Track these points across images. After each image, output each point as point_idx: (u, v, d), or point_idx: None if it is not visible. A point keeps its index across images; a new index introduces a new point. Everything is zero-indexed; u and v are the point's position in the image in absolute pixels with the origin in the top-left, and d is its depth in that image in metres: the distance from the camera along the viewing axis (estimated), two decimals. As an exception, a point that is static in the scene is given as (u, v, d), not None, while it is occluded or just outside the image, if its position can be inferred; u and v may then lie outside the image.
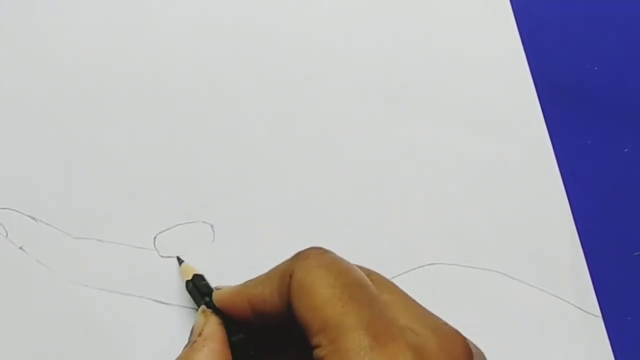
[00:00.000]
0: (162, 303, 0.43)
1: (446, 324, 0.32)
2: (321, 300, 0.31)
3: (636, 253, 0.45)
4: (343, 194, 0.45)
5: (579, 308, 0.44)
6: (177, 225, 0.44)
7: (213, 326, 0.36)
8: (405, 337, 0.30)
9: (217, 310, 0.37)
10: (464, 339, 0.31)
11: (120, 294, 0.43)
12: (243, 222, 0.44)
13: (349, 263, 0.33)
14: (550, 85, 0.46)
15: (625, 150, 0.47)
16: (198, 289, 0.40)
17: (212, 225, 0.44)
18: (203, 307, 0.38)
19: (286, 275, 0.33)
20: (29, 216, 0.44)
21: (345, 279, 0.32)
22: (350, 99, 0.47)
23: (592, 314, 0.44)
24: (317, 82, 0.47)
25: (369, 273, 0.34)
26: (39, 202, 0.44)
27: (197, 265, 0.43)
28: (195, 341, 0.35)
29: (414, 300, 0.33)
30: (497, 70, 0.47)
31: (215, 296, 0.37)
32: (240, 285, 0.36)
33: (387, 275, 0.44)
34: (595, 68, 0.47)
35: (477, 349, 0.32)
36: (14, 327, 0.43)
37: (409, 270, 0.44)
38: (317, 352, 0.30)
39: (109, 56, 0.47)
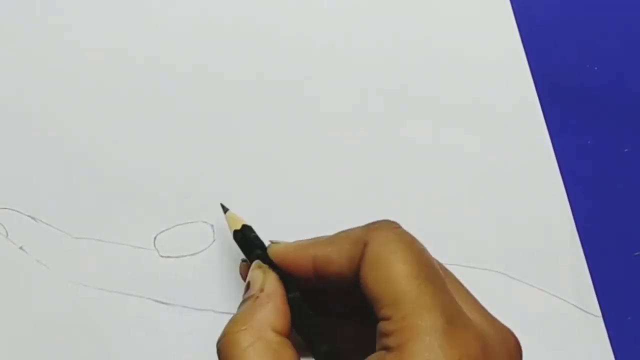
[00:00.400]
0: (162, 303, 0.43)
1: (497, 319, 0.33)
2: (397, 274, 0.31)
3: (636, 253, 0.45)
4: (343, 194, 0.45)
5: (579, 308, 0.44)
6: (177, 225, 0.44)
7: (274, 282, 0.35)
8: (474, 325, 0.31)
9: (272, 265, 0.36)
10: (514, 335, 0.32)
11: (120, 294, 0.43)
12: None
13: (421, 243, 0.33)
14: (550, 85, 0.47)
15: (625, 150, 0.47)
16: (250, 241, 0.39)
17: (212, 225, 0.44)
18: (259, 261, 0.37)
19: (359, 243, 0.33)
20: (29, 216, 0.44)
21: (421, 258, 0.32)
22: (350, 99, 0.47)
23: (592, 314, 0.44)
24: (317, 82, 0.47)
25: (432, 257, 0.34)
26: (39, 202, 0.44)
27: (196, 265, 0.43)
28: (257, 297, 0.34)
29: (469, 291, 0.34)
30: (497, 70, 0.47)
31: (273, 249, 0.37)
32: (302, 242, 0.36)
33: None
34: (595, 68, 0.47)
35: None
36: (14, 327, 0.43)
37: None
38: (385, 325, 0.30)
39: (109, 56, 0.47)
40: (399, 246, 0.32)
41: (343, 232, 0.35)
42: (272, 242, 0.38)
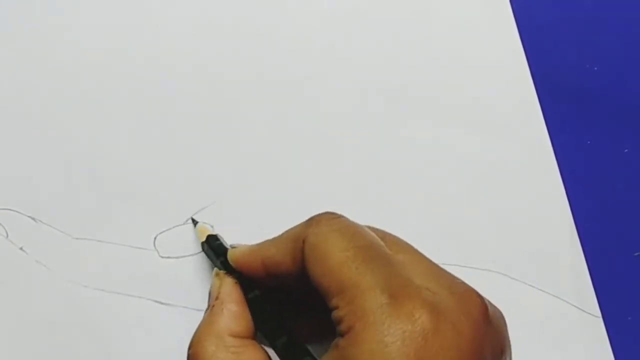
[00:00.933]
0: (162, 304, 0.43)
1: (463, 283, 0.33)
2: (335, 263, 0.31)
3: (636, 253, 0.45)
4: (343, 194, 0.45)
5: (579, 308, 0.44)
6: (177, 225, 0.44)
7: (228, 287, 0.36)
8: (421, 294, 0.30)
9: (232, 270, 0.37)
10: (480, 296, 0.32)
11: (120, 294, 0.43)
12: (243, 223, 0.44)
13: (361, 226, 0.34)
14: (550, 85, 0.46)
15: (625, 150, 0.47)
16: (213, 250, 0.40)
17: (212, 226, 0.44)
18: (216, 269, 0.38)
19: (299, 240, 0.33)
20: (29, 217, 0.44)
21: (358, 241, 0.32)
22: (350, 99, 0.47)
23: (592, 314, 0.44)
24: (317, 82, 0.47)
25: (384, 235, 0.35)
26: (39, 202, 0.44)
27: (196, 265, 0.43)
28: (213, 305, 0.36)
29: (429, 260, 0.34)
30: (497, 70, 0.47)
31: (229, 255, 0.38)
32: (255, 245, 0.37)
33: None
34: (595, 68, 0.47)
35: (495, 307, 0.32)
36: (14, 327, 0.43)
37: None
38: (335, 314, 0.31)
39: (109, 56, 0.47)
40: (333, 235, 0.32)
41: (288, 230, 0.35)
42: (231, 246, 0.39)
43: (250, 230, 0.44)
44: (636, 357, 0.43)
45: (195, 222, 0.44)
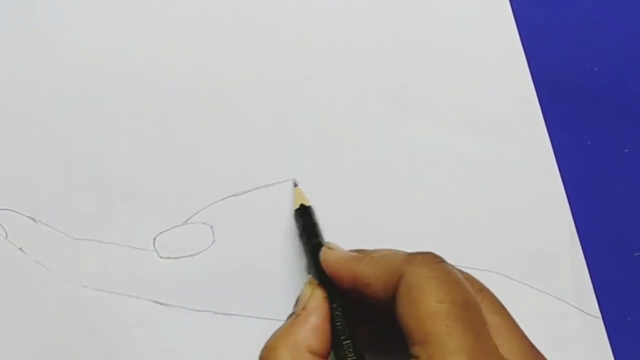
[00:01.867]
0: (162, 304, 0.43)
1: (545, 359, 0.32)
2: (427, 313, 0.31)
3: (636, 253, 0.45)
4: (343, 194, 0.45)
5: (578, 309, 0.44)
6: (176, 226, 0.44)
7: (318, 300, 0.36)
8: None
9: (321, 273, 0.38)
10: None
11: (119, 295, 0.43)
12: (243, 223, 0.44)
13: (460, 277, 0.33)
14: (550, 86, 0.46)
15: (625, 150, 0.47)
16: (304, 228, 0.41)
17: (211, 227, 0.44)
18: (310, 278, 0.38)
19: (396, 273, 0.33)
20: (28, 217, 0.44)
21: (455, 295, 0.32)
22: (350, 99, 0.47)
23: (592, 315, 0.44)
24: (317, 82, 0.47)
25: (481, 289, 0.34)
26: (38, 203, 0.44)
27: (196, 266, 0.43)
28: (299, 314, 0.36)
29: (518, 327, 0.34)
30: (497, 71, 0.47)
31: (323, 255, 0.38)
32: (351, 255, 0.37)
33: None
34: (595, 68, 0.47)
35: None
36: (14, 327, 0.43)
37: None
38: None
39: (109, 56, 0.47)
40: (431, 282, 0.32)
41: (383, 255, 0.35)
42: (327, 245, 0.39)
43: (249, 232, 0.44)
44: (636, 357, 0.43)
45: (295, 184, 0.44)
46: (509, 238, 0.45)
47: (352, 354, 0.35)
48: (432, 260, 0.33)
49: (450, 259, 0.44)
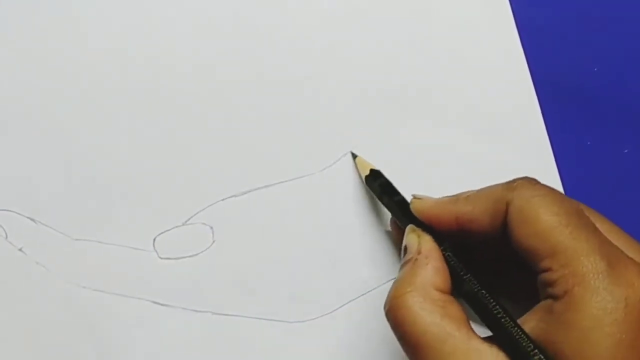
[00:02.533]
0: (162, 305, 0.43)
1: None
2: (547, 226, 0.33)
3: (636, 253, 0.45)
4: (343, 194, 0.45)
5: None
6: (176, 226, 0.44)
7: (429, 244, 0.37)
8: (636, 264, 0.32)
9: (416, 221, 0.38)
10: None
11: (119, 295, 0.43)
12: (243, 223, 0.44)
13: (563, 194, 0.35)
14: (550, 86, 0.46)
15: (625, 150, 0.47)
16: (388, 193, 0.42)
17: (211, 227, 0.44)
18: (412, 225, 0.39)
19: (501, 202, 0.35)
20: (28, 218, 0.44)
21: (567, 207, 0.33)
22: (350, 99, 0.47)
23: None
24: (317, 82, 0.47)
25: (577, 203, 0.35)
26: (38, 203, 0.44)
27: (196, 266, 0.43)
28: (416, 259, 0.36)
29: (622, 230, 0.36)
30: (497, 71, 0.47)
31: (414, 205, 0.39)
32: (444, 198, 0.38)
33: (386, 277, 0.44)
34: (595, 69, 0.47)
35: None
36: (14, 328, 0.43)
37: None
38: (546, 276, 0.32)
39: (109, 56, 0.47)
40: (543, 200, 0.33)
41: (480, 191, 0.37)
42: (414, 196, 0.40)
43: (249, 232, 0.44)
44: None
45: (354, 156, 0.45)
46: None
47: (477, 285, 0.35)
48: (533, 181, 0.35)
49: (450, 259, 0.44)
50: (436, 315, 0.33)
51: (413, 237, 0.38)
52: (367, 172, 0.43)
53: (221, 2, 0.48)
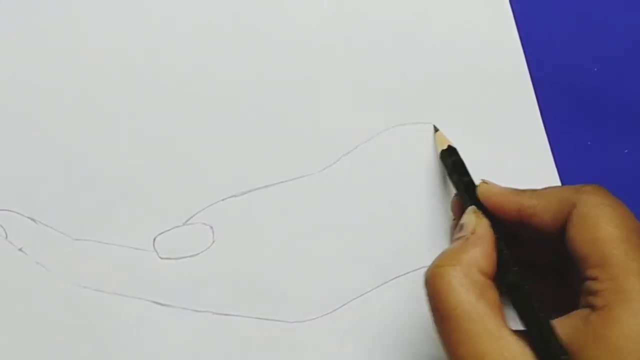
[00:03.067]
0: (162, 305, 0.43)
1: None
2: (606, 236, 0.33)
3: (636, 253, 0.45)
4: (343, 194, 0.45)
5: (578, 309, 0.44)
6: (176, 226, 0.44)
7: (485, 228, 0.37)
8: None
9: (479, 205, 0.39)
10: None
11: (119, 295, 0.43)
12: (243, 224, 0.44)
13: (630, 211, 0.34)
14: (549, 86, 0.46)
15: (625, 150, 0.47)
16: (458, 172, 0.42)
17: (211, 227, 0.44)
18: (474, 207, 0.39)
19: (567, 203, 0.35)
20: (28, 217, 0.44)
21: (630, 223, 0.33)
22: (350, 99, 0.47)
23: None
24: (317, 82, 0.47)
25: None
26: (38, 203, 0.44)
27: (196, 266, 0.43)
28: (468, 238, 0.36)
29: None
30: (497, 71, 0.47)
31: (481, 188, 0.39)
32: (511, 189, 0.38)
33: (386, 277, 0.44)
34: (595, 69, 0.47)
35: None
36: (14, 328, 0.43)
37: (409, 272, 0.44)
38: (592, 284, 0.32)
39: (109, 56, 0.47)
40: (609, 210, 0.34)
41: (548, 189, 0.37)
42: (483, 180, 0.40)
43: (249, 233, 0.44)
44: (636, 357, 0.43)
45: (436, 129, 0.45)
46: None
47: (523, 280, 0.35)
48: (603, 190, 0.35)
49: (450, 259, 0.44)
50: (472, 294, 0.33)
51: (472, 217, 0.38)
52: (445, 147, 0.44)
53: (221, 2, 0.48)
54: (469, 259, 0.35)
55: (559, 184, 0.45)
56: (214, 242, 0.44)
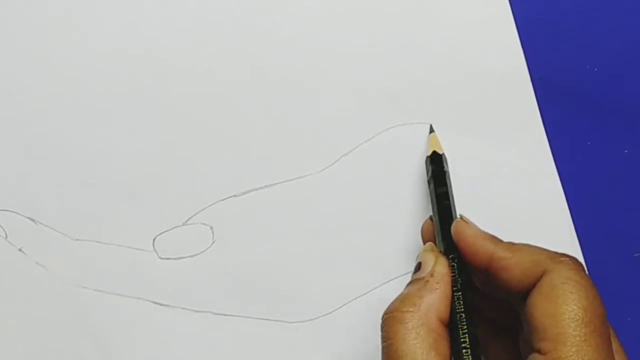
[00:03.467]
0: (162, 305, 0.43)
1: None
2: (569, 315, 0.32)
3: (636, 254, 0.45)
4: (343, 194, 0.45)
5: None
6: (176, 227, 0.44)
7: (444, 268, 0.37)
8: None
9: (448, 242, 0.38)
10: None
11: (119, 295, 0.43)
12: (243, 224, 0.44)
13: (598, 292, 0.34)
14: (549, 86, 0.46)
15: (625, 150, 0.47)
16: (435, 181, 0.41)
17: (211, 227, 0.44)
18: (431, 244, 0.39)
19: (540, 266, 0.34)
20: (28, 218, 0.44)
21: (596, 309, 0.32)
22: (349, 99, 0.47)
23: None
24: (316, 81, 0.47)
25: (604, 309, 0.35)
26: (38, 203, 0.44)
27: (196, 266, 0.43)
28: (427, 281, 0.36)
29: (626, 356, 0.36)
30: (497, 71, 0.47)
31: (457, 227, 0.38)
32: (488, 235, 0.37)
33: (386, 277, 0.44)
34: (595, 69, 0.47)
35: None
36: (14, 328, 0.43)
37: (409, 272, 0.44)
38: (539, 357, 0.32)
39: (109, 56, 0.47)
40: (577, 288, 0.33)
41: (525, 245, 0.36)
42: (461, 216, 0.39)
43: (249, 233, 0.44)
44: (636, 358, 0.43)
45: (431, 130, 0.45)
46: (508, 239, 0.44)
47: (472, 327, 0.35)
48: (578, 266, 0.34)
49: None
50: (425, 345, 0.33)
51: (430, 257, 0.37)
52: (430, 153, 0.43)
53: (221, 1, 0.48)
54: (428, 305, 0.35)
55: (559, 184, 0.45)
56: (214, 242, 0.44)
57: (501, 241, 0.37)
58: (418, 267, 0.37)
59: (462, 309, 0.36)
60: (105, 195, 0.44)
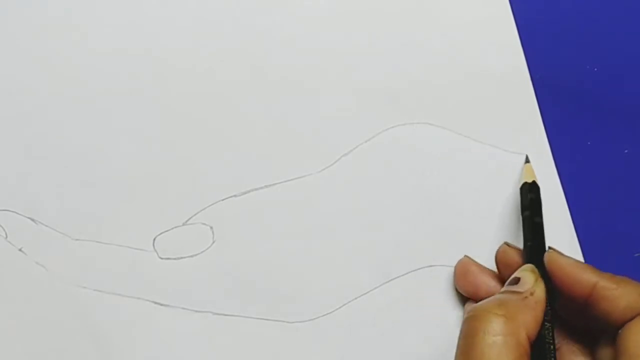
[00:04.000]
0: (162, 305, 0.43)
1: None
2: None
3: (636, 254, 0.45)
4: (343, 194, 0.45)
5: (578, 309, 0.44)
6: (176, 226, 0.44)
7: (542, 293, 0.36)
8: None
9: (541, 269, 0.38)
10: None
11: (119, 295, 0.43)
12: (243, 224, 0.44)
13: None
14: (549, 86, 0.46)
15: (625, 151, 0.47)
16: (532, 210, 0.41)
17: (211, 227, 0.44)
18: (533, 266, 0.38)
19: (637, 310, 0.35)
20: (28, 218, 0.44)
21: None
22: (349, 99, 0.47)
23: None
24: (316, 81, 0.47)
25: None
26: (38, 203, 0.44)
27: (196, 266, 0.43)
28: (526, 297, 0.36)
29: None
30: (497, 71, 0.47)
31: (551, 256, 0.38)
32: (585, 264, 0.38)
33: (386, 277, 0.44)
34: (595, 69, 0.47)
35: None
36: (14, 328, 0.43)
37: (408, 272, 0.44)
38: None
39: (109, 56, 0.47)
40: None
41: (626, 278, 0.36)
42: (550, 247, 0.39)
43: (249, 233, 0.44)
44: (636, 358, 0.43)
45: (527, 160, 0.45)
46: (508, 239, 0.44)
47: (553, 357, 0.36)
48: None
49: (450, 260, 0.44)
50: (511, 356, 0.33)
51: (531, 277, 0.37)
52: (529, 181, 0.43)
53: (221, 1, 0.48)
54: (522, 320, 0.34)
55: (559, 184, 0.45)
56: (214, 242, 0.44)
57: (603, 273, 0.37)
58: (515, 281, 0.37)
59: (551, 339, 0.36)
60: (105, 195, 0.44)
